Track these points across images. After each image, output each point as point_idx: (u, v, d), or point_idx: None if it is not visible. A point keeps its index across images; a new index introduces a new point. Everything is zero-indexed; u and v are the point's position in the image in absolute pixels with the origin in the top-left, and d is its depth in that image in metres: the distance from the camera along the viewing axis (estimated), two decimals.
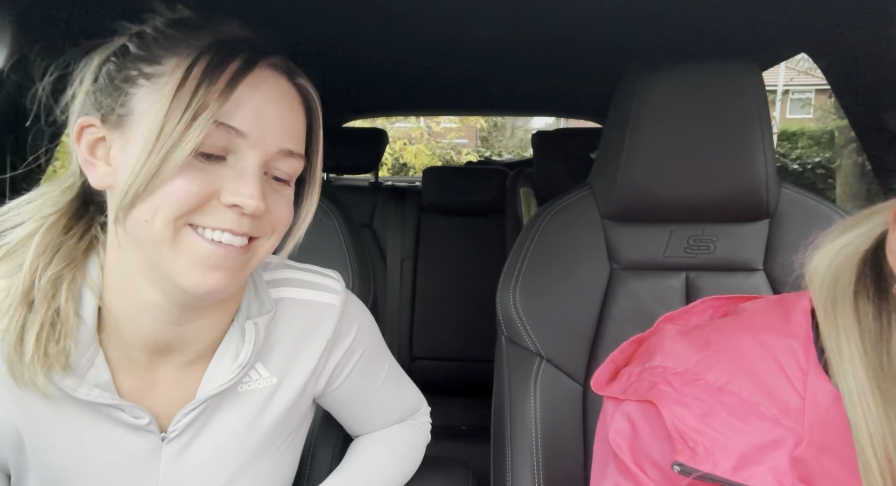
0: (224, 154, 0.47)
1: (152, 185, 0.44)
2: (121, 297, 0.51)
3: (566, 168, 1.89)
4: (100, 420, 0.52)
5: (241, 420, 0.57)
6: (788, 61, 1.91)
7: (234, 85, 0.46)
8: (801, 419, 0.42)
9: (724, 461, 0.42)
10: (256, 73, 0.48)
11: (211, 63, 0.46)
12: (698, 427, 0.44)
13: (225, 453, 0.57)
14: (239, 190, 0.47)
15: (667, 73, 0.76)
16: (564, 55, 1.20)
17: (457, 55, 1.22)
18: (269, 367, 0.59)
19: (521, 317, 0.84)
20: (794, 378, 0.44)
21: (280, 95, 0.50)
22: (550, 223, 0.88)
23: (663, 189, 0.80)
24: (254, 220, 0.49)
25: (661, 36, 1.01)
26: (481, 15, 0.92)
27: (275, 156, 0.50)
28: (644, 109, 0.76)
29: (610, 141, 0.85)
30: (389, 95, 1.77)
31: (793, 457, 0.41)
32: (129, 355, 0.53)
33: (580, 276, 0.86)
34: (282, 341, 0.60)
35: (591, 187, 0.91)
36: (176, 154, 0.44)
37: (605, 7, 0.88)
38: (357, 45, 1.12)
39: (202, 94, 0.44)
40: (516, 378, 0.83)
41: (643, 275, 0.86)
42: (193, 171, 0.46)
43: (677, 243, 0.86)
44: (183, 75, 0.45)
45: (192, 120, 0.44)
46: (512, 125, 11.17)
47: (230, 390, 0.56)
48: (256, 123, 0.48)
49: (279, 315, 0.60)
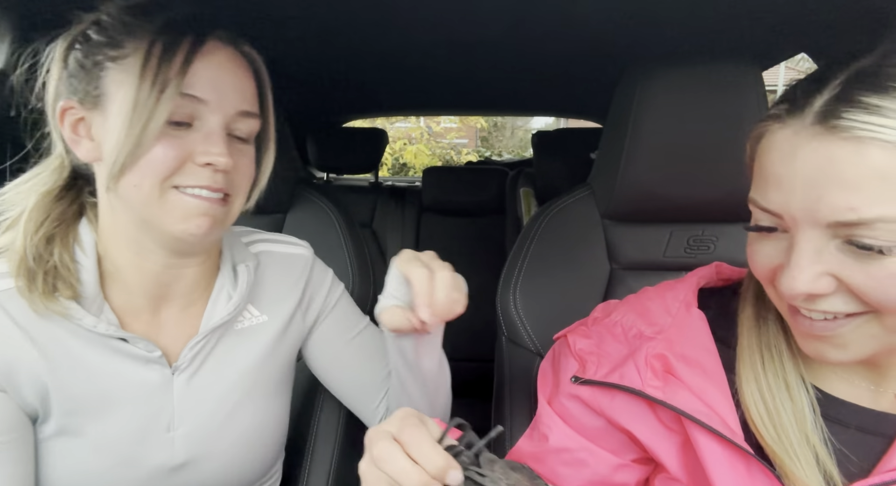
0: (191, 121, 0.55)
1: (136, 154, 0.52)
2: (122, 249, 0.59)
3: (566, 168, 1.89)
4: (115, 356, 0.58)
5: (239, 353, 0.66)
6: (788, 61, 1.94)
7: (191, 59, 0.53)
8: (666, 330, 0.56)
9: (601, 370, 0.57)
10: (208, 46, 0.55)
11: (167, 42, 0.53)
12: (591, 350, 0.60)
13: (228, 383, 0.64)
14: (209, 150, 0.54)
15: (667, 73, 0.76)
16: (564, 55, 1.20)
17: (457, 55, 1.22)
18: (259, 307, 0.68)
19: (522, 317, 0.84)
20: (672, 308, 0.58)
21: (230, 62, 0.57)
22: (550, 223, 0.88)
23: (663, 189, 0.80)
24: (226, 176, 0.57)
25: (661, 36, 1.00)
26: (481, 15, 0.92)
27: (234, 117, 0.57)
28: (644, 109, 0.76)
29: (610, 141, 0.85)
30: (389, 95, 1.77)
31: (654, 354, 0.54)
32: (133, 302, 0.61)
33: (580, 276, 0.86)
34: (266, 285, 0.70)
35: (591, 187, 0.91)
36: (152, 124, 0.52)
37: (605, 7, 0.88)
38: (357, 45, 1.12)
39: (164, 70, 0.52)
40: (516, 378, 0.83)
41: (643, 275, 0.86)
42: (168, 138, 0.53)
43: (677, 243, 0.86)
44: (145, 57, 0.52)
45: (160, 94, 0.51)
46: (512, 125, 11.16)
47: (229, 326, 0.66)
48: (214, 90, 0.55)
49: (264, 264, 0.71)
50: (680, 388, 0.52)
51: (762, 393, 0.49)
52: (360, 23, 0.98)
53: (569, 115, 2.31)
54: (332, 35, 1.06)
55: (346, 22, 0.98)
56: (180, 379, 0.61)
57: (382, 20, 0.96)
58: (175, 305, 0.63)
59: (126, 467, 0.58)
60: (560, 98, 1.80)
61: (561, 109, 2.20)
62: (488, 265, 1.62)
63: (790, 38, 1.02)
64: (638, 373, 0.54)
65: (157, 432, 0.60)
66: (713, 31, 0.97)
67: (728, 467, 0.48)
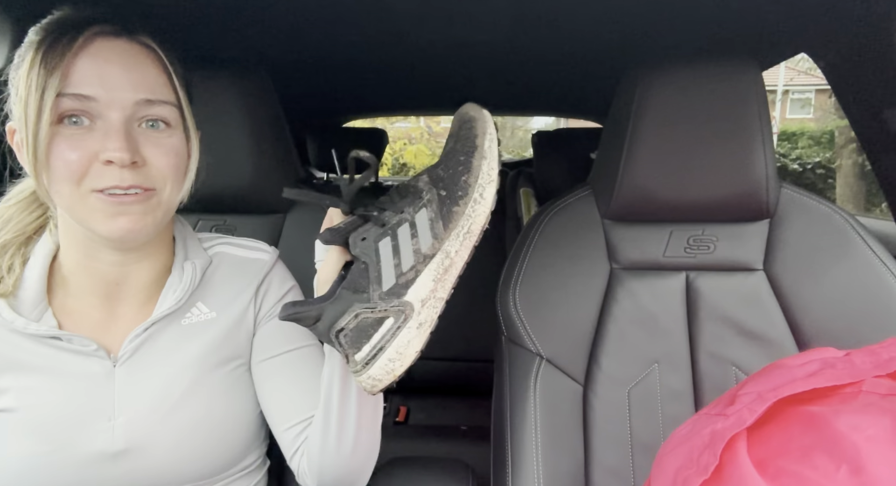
0: (89, 119, 0.55)
1: (39, 159, 0.54)
2: (74, 254, 0.62)
3: (566, 168, 1.89)
4: (52, 350, 0.62)
5: (184, 347, 0.67)
6: (788, 61, 1.92)
7: (69, 58, 0.54)
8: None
9: None
10: (92, 44, 0.55)
11: (47, 46, 0.54)
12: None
13: (172, 375, 0.65)
14: (106, 146, 0.55)
15: (667, 73, 0.76)
16: (564, 55, 1.20)
17: (457, 55, 1.22)
18: (209, 304, 0.69)
19: (522, 317, 0.84)
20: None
21: (119, 55, 0.57)
22: (550, 223, 0.88)
23: (663, 189, 0.80)
24: (135, 171, 0.56)
25: (661, 36, 1.01)
26: (481, 15, 0.92)
27: (135, 108, 0.57)
28: (644, 109, 0.76)
29: (610, 141, 0.85)
30: (389, 95, 1.77)
31: None
32: (83, 302, 0.64)
33: (580, 276, 0.86)
34: (219, 285, 0.71)
35: (591, 187, 0.91)
36: (41, 127, 0.53)
37: (605, 7, 0.88)
38: (357, 46, 1.12)
39: (44, 74, 0.53)
40: (516, 378, 0.83)
41: (643, 275, 0.86)
42: (66, 140, 0.54)
43: (677, 243, 0.86)
44: (29, 64, 0.54)
45: (41, 97, 0.53)
46: (512, 125, 11.15)
47: (174, 321, 0.67)
48: (102, 86, 0.55)
49: (216, 265, 0.72)
50: None
51: None
52: (359, 23, 0.98)
53: (569, 115, 2.32)
54: (332, 35, 1.06)
55: (346, 22, 0.98)
56: (122, 370, 0.64)
57: (382, 20, 0.96)
58: (132, 301, 0.66)
59: (65, 452, 0.60)
60: (560, 98, 1.80)
61: (561, 109, 2.20)
62: (488, 265, 1.62)
63: (790, 38, 1.02)
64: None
65: (99, 420, 0.62)
66: (713, 30, 0.97)
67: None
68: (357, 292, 0.49)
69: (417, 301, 0.48)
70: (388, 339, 0.48)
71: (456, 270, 0.51)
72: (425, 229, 0.50)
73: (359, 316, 0.48)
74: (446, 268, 0.50)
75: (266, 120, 0.91)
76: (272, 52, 1.14)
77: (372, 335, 0.48)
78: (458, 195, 0.50)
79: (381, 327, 0.48)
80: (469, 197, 0.50)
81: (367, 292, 0.49)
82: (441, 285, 0.50)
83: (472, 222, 0.50)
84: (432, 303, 0.49)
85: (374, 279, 0.49)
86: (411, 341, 0.48)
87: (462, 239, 0.50)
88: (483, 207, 0.51)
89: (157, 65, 0.60)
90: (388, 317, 0.48)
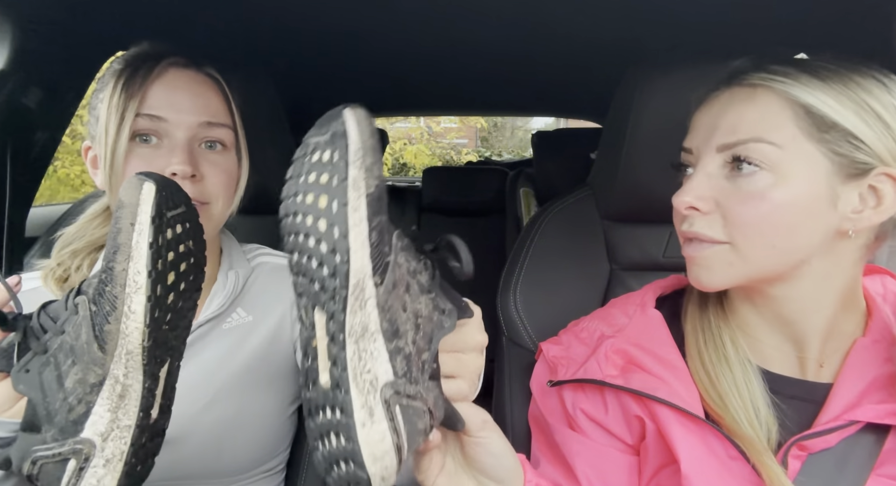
0: (158, 137, 0.63)
1: (116, 172, 0.61)
2: None
3: (566, 168, 1.89)
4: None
5: (223, 350, 0.70)
6: None
7: (147, 84, 0.62)
8: (624, 328, 0.64)
9: (570, 371, 0.64)
10: (167, 73, 0.64)
11: (126, 75, 0.62)
12: (561, 355, 0.67)
13: (208, 375, 0.68)
14: (171, 161, 0.61)
15: (667, 74, 0.76)
16: (564, 55, 1.20)
17: (457, 55, 1.22)
18: (247, 309, 0.74)
19: (522, 317, 0.84)
20: (629, 311, 0.66)
21: (187, 83, 0.65)
22: (550, 224, 0.88)
23: (663, 189, 0.80)
24: (193, 185, 0.62)
25: (661, 36, 1.01)
26: (482, 15, 0.93)
27: (197, 129, 0.64)
28: (644, 109, 0.76)
29: (610, 141, 0.85)
30: (389, 95, 1.77)
31: (614, 349, 0.62)
32: None
33: (580, 276, 0.86)
34: (258, 291, 0.75)
35: (590, 188, 0.91)
36: (119, 143, 0.60)
37: (605, 7, 0.88)
38: (357, 46, 1.12)
39: (125, 97, 0.61)
40: (516, 378, 0.83)
41: (642, 275, 0.86)
42: (138, 157, 0.62)
43: (677, 244, 0.86)
44: (112, 89, 0.62)
45: (121, 116, 0.60)
46: (512, 125, 11.14)
47: (217, 326, 0.71)
48: (171, 108, 0.63)
49: (258, 273, 0.76)
50: (639, 374, 0.59)
51: (704, 365, 0.58)
52: (359, 23, 0.98)
53: (569, 115, 2.32)
54: (331, 35, 1.06)
55: (346, 22, 0.98)
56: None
57: (382, 20, 0.96)
58: None
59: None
60: (560, 98, 1.80)
61: (561, 109, 2.20)
62: (488, 265, 1.62)
63: (790, 39, 1.02)
64: (599, 367, 0.61)
65: None
66: (714, 31, 0.97)
67: (685, 432, 0.55)
68: (33, 431, 0.41)
69: (97, 436, 0.41)
70: (75, 482, 0.41)
71: (136, 393, 0.41)
72: (83, 354, 0.41)
73: (37, 462, 0.41)
74: (120, 394, 0.41)
75: (267, 120, 0.91)
76: (273, 52, 1.14)
77: (61, 478, 0.41)
78: (107, 310, 0.41)
79: (66, 469, 0.41)
80: (119, 311, 0.40)
81: (41, 433, 0.41)
82: (123, 413, 0.42)
83: (128, 341, 0.40)
84: (116, 434, 0.42)
85: (43, 418, 0.41)
86: (101, 479, 0.41)
87: (125, 361, 0.41)
88: (134, 323, 0.40)
89: (218, 93, 0.68)
90: (69, 458, 0.41)
